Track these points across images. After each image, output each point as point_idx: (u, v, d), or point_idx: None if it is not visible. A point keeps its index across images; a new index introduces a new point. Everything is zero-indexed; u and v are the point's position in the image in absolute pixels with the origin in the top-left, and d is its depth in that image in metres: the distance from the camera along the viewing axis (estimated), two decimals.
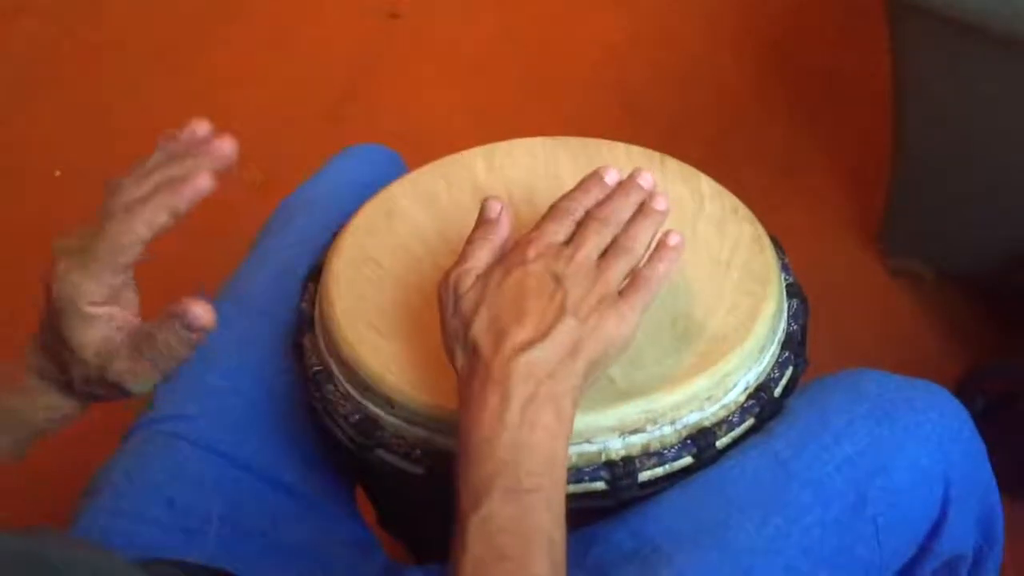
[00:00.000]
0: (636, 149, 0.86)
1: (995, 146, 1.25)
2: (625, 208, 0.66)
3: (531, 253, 0.63)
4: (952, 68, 1.19)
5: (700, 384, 0.69)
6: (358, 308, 0.75)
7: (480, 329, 0.61)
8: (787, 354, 0.75)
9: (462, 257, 0.65)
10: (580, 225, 0.65)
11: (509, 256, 0.64)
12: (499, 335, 0.60)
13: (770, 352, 0.73)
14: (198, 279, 0.96)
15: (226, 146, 0.66)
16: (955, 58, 1.18)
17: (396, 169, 0.95)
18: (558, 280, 0.62)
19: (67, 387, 0.65)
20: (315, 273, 0.81)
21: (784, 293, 0.77)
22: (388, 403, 0.70)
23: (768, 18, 1.91)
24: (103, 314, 0.63)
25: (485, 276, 0.63)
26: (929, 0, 1.11)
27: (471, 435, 0.58)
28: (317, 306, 0.78)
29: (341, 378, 0.73)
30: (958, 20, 1.10)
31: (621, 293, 0.63)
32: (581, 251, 0.63)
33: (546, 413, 0.59)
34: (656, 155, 0.86)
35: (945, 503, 0.73)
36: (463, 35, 1.97)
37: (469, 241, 0.66)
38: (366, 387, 0.71)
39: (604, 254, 0.64)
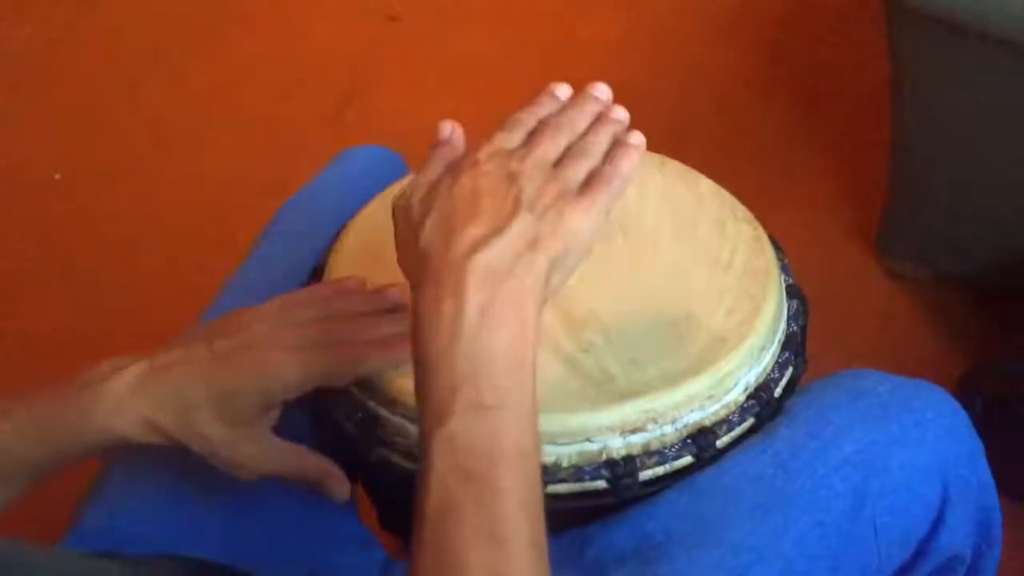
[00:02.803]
0: None
1: (993, 148, 1.25)
2: (580, 117, 0.62)
3: (482, 155, 0.59)
4: (950, 71, 1.20)
5: (700, 384, 0.69)
6: None
7: (430, 232, 0.57)
8: (787, 354, 0.75)
9: (415, 177, 0.61)
10: (533, 133, 0.61)
11: (459, 162, 0.60)
12: (449, 235, 0.56)
13: (770, 352, 0.74)
14: (200, 280, 0.97)
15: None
16: (953, 61, 1.18)
17: (397, 170, 0.95)
18: (512, 177, 0.58)
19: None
20: (316, 274, 0.82)
21: (784, 294, 0.78)
22: (389, 401, 0.70)
23: (767, 21, 1.91)
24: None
25: (435, 184, 0.59)
26: (927, 4, 1.12)
27: (427, 348, 0.54)
28: None
29: None
30: (956, 23, 1.11)
31: (580, 189, 0.59)
32: (535, 151, 0.59)
33: (507, 315, 0.54)
34: (656, 156, 0.86)
35: (943, 503, 0.73)
36: (462, 37, 1.98)
37: (422, 164, 0.62)
38: (367, 385, 0.71)
39: (560, 159, 0.60)
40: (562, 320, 0.72)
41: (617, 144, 0.61)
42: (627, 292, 0.75)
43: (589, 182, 0.59)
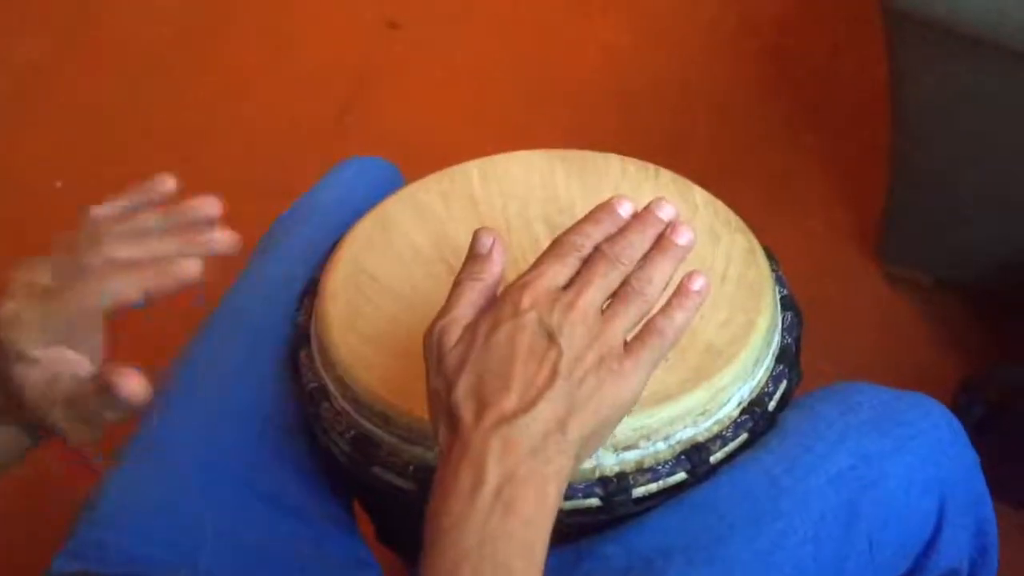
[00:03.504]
0: (631, 160, 0.86)
1: (992, 154, 1.25)
2: (640, 244, 0.58)
3: (525, 302, 0.55)
4: (949, 77, 1.19)
5: (694, 399, 0.69)
6: (353, 324, 0.75)
7: (462, 395, 0.54)
8: (781, 368, 0.75)
9: (448, 304, 0.57)
10: (586, 263, 0.57)
11: (500, 304, 0.56)
12: (481, 403, 0.53)
13: (764, 366, 0.73)
14: (197, 289, 0.97)
15: (228, 241, 0.62)
16: (952, 67, 1.18)
17: (393, 182, 0.95)
18: (552, 337, 0.54)
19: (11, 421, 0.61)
20: (311, 287, 0.82)
21: (778, 306, 0.77)
22: (384, 420, 0.70)
23: (766, 27, 1.91)
24: (50, 358, 0.58)
25: (472, 328, 0.56)
26: (926, 10, 1.11)
27: (438, 521, 0.51)
28: (312, 321, 0.78)
29: (336, 395, 0.73)
30: (955, 29, 1.11)
31: (627, 346, 0.55)
32: (583, 297, 0.55)
33: (524, 497, 0.51)
34: (651, 167, 0.86)
35: (939, 516, 0.73)
36: (462, 44, 1.97)
37: (457, 283, 0.58)
38: (361, 404, 0.71)
39: (611, 299, 0.56)
40: None
41: (677, 290, 0.58)
42: None
43: (638, 336, 0.56)
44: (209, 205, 0.62)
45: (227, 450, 0.79)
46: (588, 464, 0.67)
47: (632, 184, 0.84)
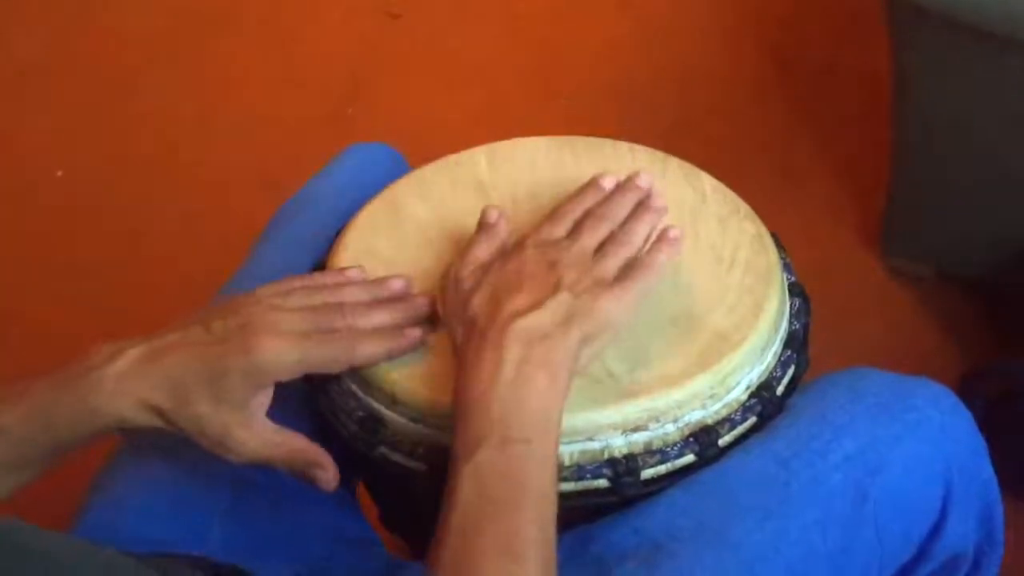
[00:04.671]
0: (640, 148, 0.86)
1: (994, 146, 1.25)
2: (622, 206, 0.70)
3: (529, 244, 0.67)
4: (951, 68, 1.20)
5: (703, 382, 0.69)
6: None
7: (478, 303, 0.64)
8: (789, 353, 0.75)
9: (464, 251, 0.70)
10: (578, 223, 0.69)
11: (508, 248, 0.69)
12: (496, 304, 0.64)
13: (772, 351, 0.74)
14: (202, 277, 0.97)
15: (425, 305, 0.71)
16: (954, 58, 1.18)
17: (399, 168, 0.95)
18: (553, 265, 0.65)
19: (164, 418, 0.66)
20: (319, 270, 0.82)
21: (786, 291, 0.78)
22: (391, 400, 0.70)
23: (768, 19, 1.91)
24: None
25: (485, 266, 0.68)
26: (929, 2, 1.12)
27: (466, 394, 0.61)
28: None
29: (344, 376, 0.73)
30: (957, 20, 1.11)
31: (616, 279, 0.66)
32: (577, 243, 0.67)
33: (539, 374, 0.61)
34: (659, 154, 0.86)
35: (946, 501, 0.73)
36: (463, 34, 1.98)
37: (469, 243, 0.70)
38: (369, 384, 0.71)
39: (600, 247, 0.68)
40: None
41: (657, 237, 0.69)
42: None
43: (625, 270, 0.67)
44: (396, 283, 0.72)
45: None
46: (597, 445, 0.67)
47: (640, 170, 0.83)
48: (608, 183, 0.73)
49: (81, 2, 2.13)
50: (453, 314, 0.67)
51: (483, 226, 0.72)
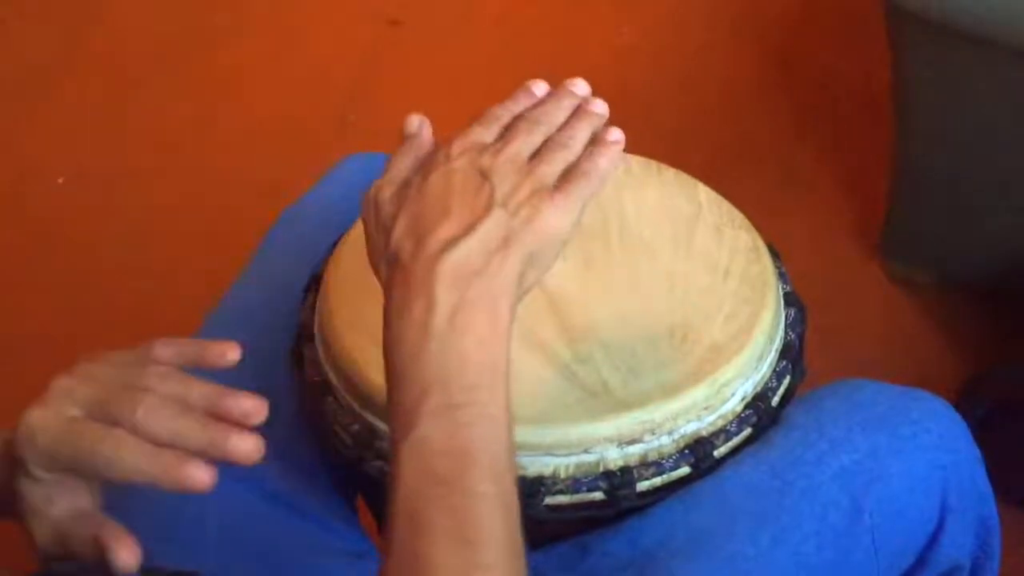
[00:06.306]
0: (633, 157, 0.86)
1: (995, 152, 1.25)
2: (558, 111, 0.61)
3: (455, 150, 0.58)
4: (951, 75, 1.19)
5: (698, 394, 0.69)
6: (357, 318, 0.75)
7: (400, 234, 0.56)
8: (785, 363, 0.75)
9: (383, 171, 0.60)
10: (508, 127, 0.60)
11: (430, 158, 0.59)
12: (420, 236, 0.55)
13: (768, 361, 0.74)
14: (203, 283, 0.97)
15: (247, 447, 0.56)
16: (955, 66, 1.18)
17: None
18: (485, 174, 0.56)
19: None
20: (315, 282, 0.82)
21: (782, 302, 0.77)
22: (386, 412, 0.70)
23: (769, 27, 1.91)
24: (49, 480, 0.55)
25: (405, 183, 0.58)
26: (928, 8, 1.11)
27: (396, 352, 0.54)
28: (316, 316, 0.78)
29: (340, 389, 0.73)
30: (957, 28, 1.11)
31: (556, 187, 0.57)
32: (510, 146, 0.58)
33: (478, 317, 0.53)
34: (654, 164, 0.86)
35: (942, 512, 0.73)
36: (464, 41, 1.97)
37: (390, 159, 0.61)
38: (365, 398, 0.71)
39: (536, 153, 0.59)
40: (559, 330, 0.72)
41: (596, 140, 0.60)
42: (624, 301, 0.75)
43: (565, 177, 0.58)
44: (255, 408, 0.57)
45: None
46: (592, 458, 0.67)
47: (635, 180, 0.84)
48: (540, 88, 0.63)
49: (84, 8, 2.13)
50: (375, 249, 0.58)
51: (404, 138, 0.62)
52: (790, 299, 0.79)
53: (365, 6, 2.05)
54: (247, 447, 0.55)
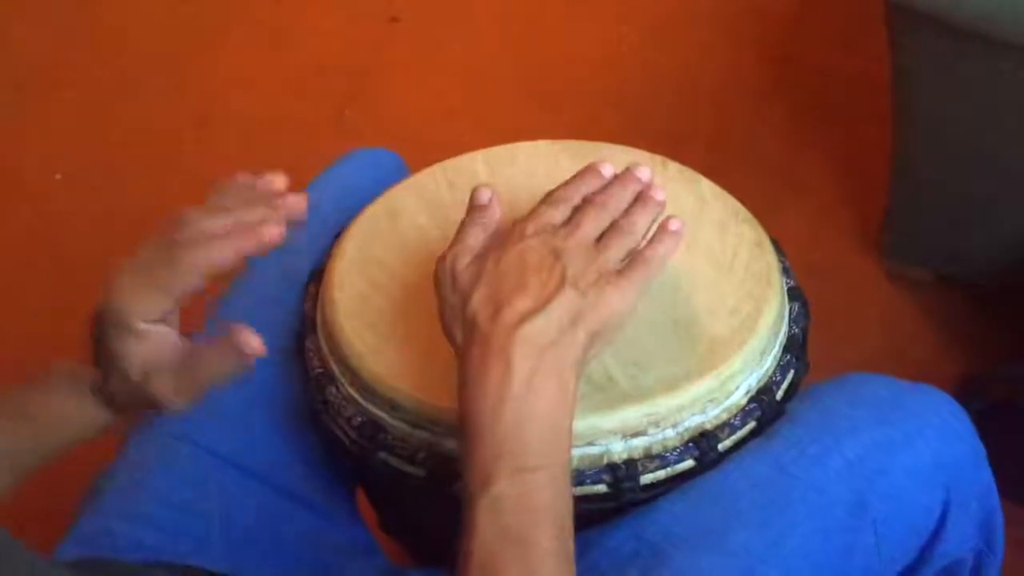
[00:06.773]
0: (638, 151, 0.86)
1: (994, 150, 1.25)
2: (622, 197, 0.66)
3: (529, 230, 0.62)
4: (951, 73, 1.19)
5: (702, 387, 0.69)
6: (360, 310, 0.75)
7: (479, 302, 0.60)
8: (789, 357, 0.75)
9: (456, 237, 0.64)
10: (577, 209, 0.65)
11: (506, 235, 0.63)
12: (498, 306, 0.59)
13: (772, 355, 0.73)
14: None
15: (300, 203, 0.68)
16: (954, 63, 1.18)
17: (398, 172, 0.95)
18: (557, 255, 0.61)
19: (107, 398, 0.67)
20: (317, 275, 0.82)
21: (786, 296, 0.77)
22: (390, 406, 0.70)
23: (768, 25, 1.91)
24: (153, 332, 0.64)
25: (482, 254, 0.63)
26: (928, 6, 1.11)
27: (474, 409, 0.58)
28: (319, 308, 0.78)
29: (343, 381, 0.73)
30: (957, 26, 1.11)
31: (620, 272, 0.62)
32: (580, 230, 0.63)
33: (549, 385, 0.58)
34: (658, 158, 0.86)
35: (945, 506, 0.73)
36: (463, 38, 1.98)
37: (462, 225, 0.65)
38: (368, 390, 0.71)
39: (602, 236, 0.64)
40: None
41: (659, 229, 0.65)
42: None
43: (629, 263, 0.63)
44: (277, 180, 0.70)
45: (232, 437, 0.79)
46: (596, 450, 0.67)
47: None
48: (607, 170, 0.68)
49: (81, 5, 2.13)
50: (451, 312, 0.62)
51: (474, 208, 0.66)
52: (794, 293, 0.79)
53: (365, 4, 2.06)
54: (297, 202, 0.68)
